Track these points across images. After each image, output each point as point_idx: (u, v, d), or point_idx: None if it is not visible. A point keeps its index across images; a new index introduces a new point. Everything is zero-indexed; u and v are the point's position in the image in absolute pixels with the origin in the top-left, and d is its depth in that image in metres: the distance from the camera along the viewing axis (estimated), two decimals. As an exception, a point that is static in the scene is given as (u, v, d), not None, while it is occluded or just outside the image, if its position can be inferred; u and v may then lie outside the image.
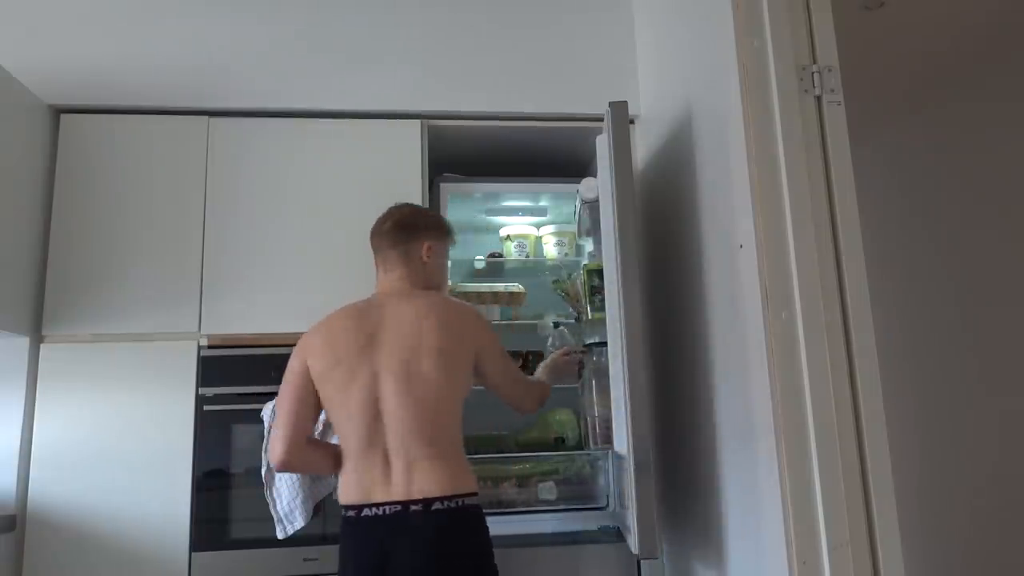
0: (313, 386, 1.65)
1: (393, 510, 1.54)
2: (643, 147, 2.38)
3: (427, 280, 1.79)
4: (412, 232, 1.79)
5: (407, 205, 1.88)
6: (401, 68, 2.36)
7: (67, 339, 2.08)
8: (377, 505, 1.55)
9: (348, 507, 1.60)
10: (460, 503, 1.56)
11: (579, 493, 2.36)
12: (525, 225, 2.72)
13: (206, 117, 2.25)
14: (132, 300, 2.11)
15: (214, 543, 2.01)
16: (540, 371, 2.03)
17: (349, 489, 1.61)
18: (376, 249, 1.81)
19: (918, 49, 2.71)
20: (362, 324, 1.66)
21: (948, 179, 3.07)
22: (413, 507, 1.53)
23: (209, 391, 2.08)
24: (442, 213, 2.39)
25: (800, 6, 1.59)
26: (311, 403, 1.66)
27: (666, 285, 2.15)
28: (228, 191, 2.22)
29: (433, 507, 1.53)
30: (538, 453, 2.38)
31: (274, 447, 1.63)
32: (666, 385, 2.16)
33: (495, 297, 2.53)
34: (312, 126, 2.29)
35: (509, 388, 1.80)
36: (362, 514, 1.56)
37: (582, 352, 2.18)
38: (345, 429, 1.63)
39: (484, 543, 1.60)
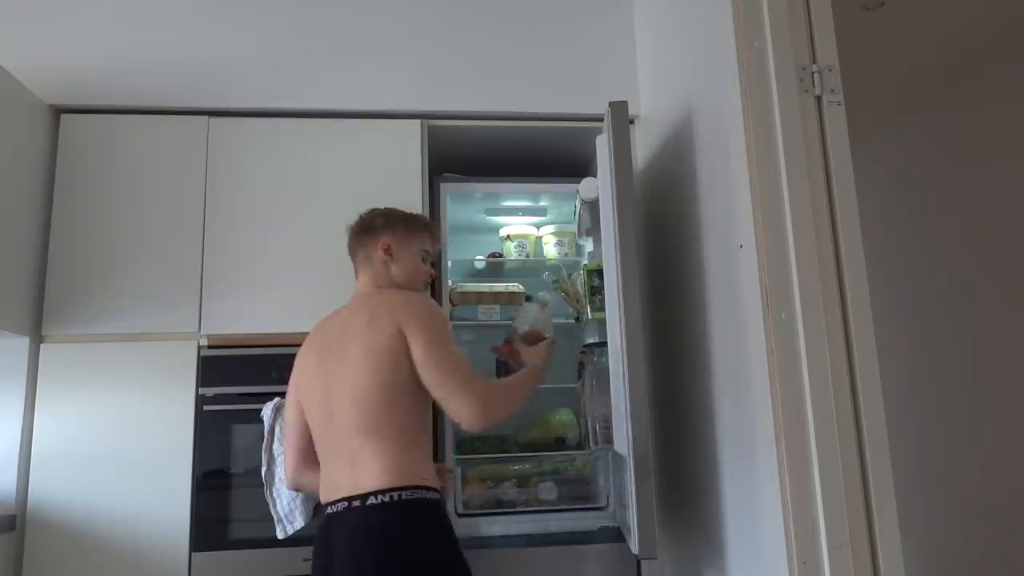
0: (295, 398, 1.76)
1: (338, 508, 1.55)
2: (643, 147, 2.38)
3: (393, 278, 1.77)
4: (369, 233, 1.80)
5: (373, 209, 1.88)
6: (401, 68, 2.36)
7: (67, 339, 2.08)
8: (330, 504, 1.58)
9: (325, 504, 1.63)
10: (398, 496, 1.49)
11: (579, 493, 2.36)
12: (525, 225, 2.72)
13: (206, 117, 2.25)
14: (132, 300, 2.11)
15: (214, 543, 2.01)
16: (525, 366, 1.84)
17: (321, 494, 1.65)
18: (350, 256, 1.85)
19: (918, 49, 2.71)
20: (321, 335, 1.73)
21: (948, 179, 3.07)
22: (354, 503, 1.52)
23: (209, 391, 2.08)
24: (442, 213, 2.39)
25: (800, 6, 1.59)
26: (302, 421, 1.74)
27: (666, 285, 2.15)
28: (228, 191, 2.22)
29: (368, 502, 1.50)
30: (538, 453, 2.38)
31: (284, 468, 1.78)
32: (666, 385, 2.16)
33: (495, 297, 2.53)
34: (312, 126, 2.29)
35: (436, 382, 1.55)
36: (326, 511, 1.60)
37: (581, 353, 2.18)
38: (315, 437, 1.69)
39: (423, 538, 1.49)
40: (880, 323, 1.51)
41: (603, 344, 2.00)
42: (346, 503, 1.53)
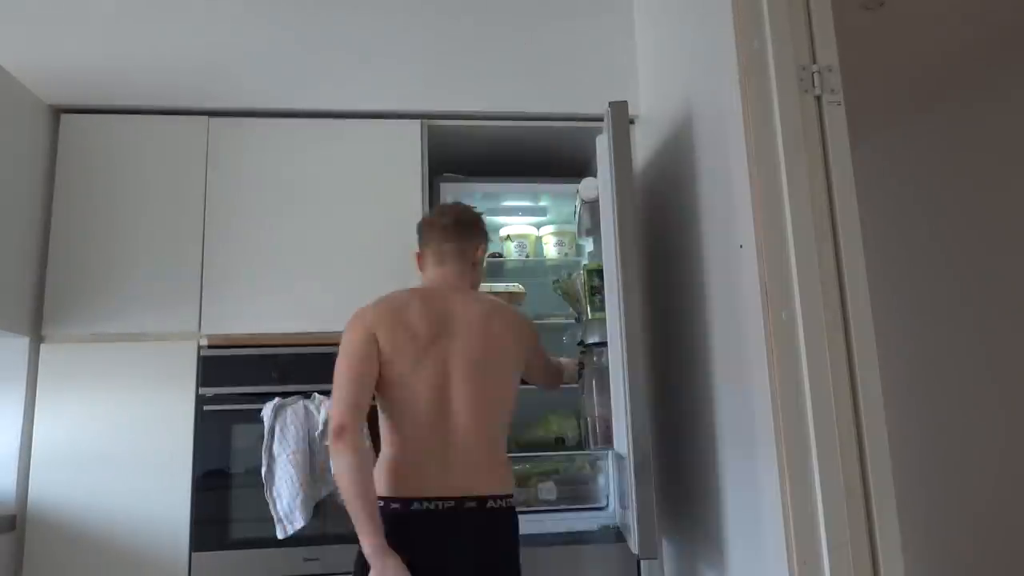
0: (378, 356, 1.57)
1: (447, 506, 1.53)
2: (643, 147, 2.38)
3: (473, 282, 1.83)
4: (471, 232, 1.82)
5: (465, 206, 1.91)
6: (401, 68, 2.36)
7: (67, 339, 2.08)
8: (430, 500, 1.53)
9: (393, 499, 1.53)
10: (508, 503, 1.62)
11: (579, 493, 2.36)
12: (525, 225, 2.72)
13: (206, 117, 2.25)
14: (132, 300, 2.11)
15: (214, 543, 2.01)
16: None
17: (401, 479, 1.55)
18: (429, 241, 1.80)
19: (918, 48, 2.71)
20: (430, 308, 1.65)
21: (948, 178, 3.07)
22: (468, 504, 1.55)
23: (209, 391, 2.08)
24: (442, 213, 2.39)
25: (800, 6, 1.59)
26: (374, 373, 1.57)
27: (666, 285, 2.14)
28: (228, 191, 2.22)
29: (488, 505, 1.57)
30: (538, 453, 2.38)
31: (336, 412, 1.51)
32: (666, 385, 2.16)
33: (495, 297, 2.53)
34: (312, 126, 2.29)
35: (546, 373, 1.95)
36: (411, 508, 1.52)
37: (581, 353, 2.19)
38: (407, 413, 1.57)
39: (518, 541, 1.66)
40: (880, 323, 1.51)
41: (603, 344, 2.00)
42: (454, 502, 1.55)
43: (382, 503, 1.52)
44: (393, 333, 1.59)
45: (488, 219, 2.78)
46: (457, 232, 1.79)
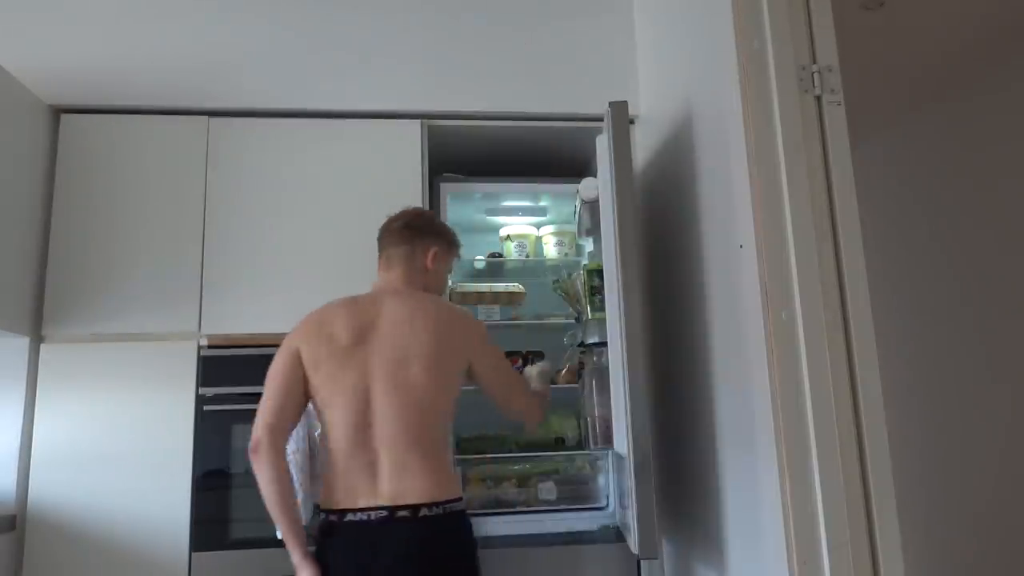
0: (302, 371, 1.60)
1: (379, 516, 1.50)
2: (643, 147, 2.38)
3: (426, 285, 1.78)
4: (421, 235, 1.78)
5: (421, 209, 1.88)
6: (401, 68, 2.36)
7: (67, 339, 2.08)
8: (363, 510, 1.51)
9: (330, 511, 1.55)
10: (446, 509, 1.53)
11: (579, 493, 2.36)
12: (525, 225, 2.72)
13: (206, 117, 2.25)
14: (132, 300, 2.11)
15: (214, 543, 2.01)
16: (533, 382, 1.94)
17: (333, 492, 1.56)
18: (382, 247, 1.80)
19: (918, 48, 2.71)
20: (355, 316, 1.63)
21: (948, 178, 3.07)
22: (400, 513, 1.49)
23: (209, 391, 2.08)
24: (442, 213, 2.40)
25: (800, 6, 1.59)
26: (298, 390, 1.60)
27: (666, 285, 2.14)
28: (228, 191, 2.22)
29: (420, 514, 1.50)
30: (538, 453, 2.38)
31: (255, 426, 1.56)
32: (666, 385, 2.16)
33: (495, 297, 2.53)
34: (312, 126, 2.29)
35: (503, 394, 1.74)
36: (345, 519, 1.52)
37: (581, 354, 2.19)
38: (333, 422, 1.58)
39: (468, 546, 1.58)
40: (880, 323, 1.51)
41: (603, 344, 2.00)
42: (387, 512, 1.49)
43: (322, 514, 1.57)
44: (315, 346, 1.60)
45: (488, 219, 2.82)
46: (407, 235, 1.77)
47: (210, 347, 2.12)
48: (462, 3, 2.43)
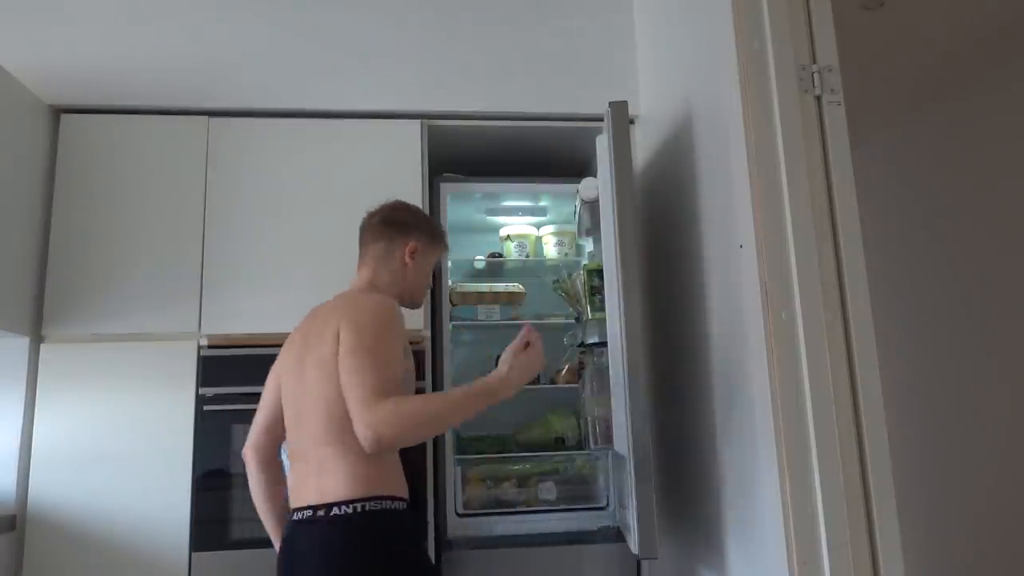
0: (279, 383, 1.67)
1: (304, 515, 1.48)
2: (643, 147, 2.38)
3: (396, 283, 1.69)
4: (399, 229, 1.71)
5: (401, 202, 1.79)
6: (401, 68, 2.36)
7: (67, 339, 2.08)
8: (296, 510, 1.51)
9: (290, 511, 1.56)
10: (362, 507, 1.42)
11: (579, 493, 2.37)
12: (525, 225, 2.72)
13: (206, 117, 2.25)
14: (132, 300, 2.11)
15: (214, 543, 2.01)
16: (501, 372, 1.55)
17: (289, 496, 1.58)
18: (360, 243, 1.74)
19: (918, 48, 2.71)
20: (303, 329, 1.64)
21: (948, 177, 3.07)
22: (318, 512, 1.44)
23: (209, 391, 2.08)
24: (442, 213, 2.39)
25: (800, 6, 1.59)
26: (275, 407, 1.67)
27: (666, 285, 2.15)
28: (228, 191, 2.22)
29: (332, 512, 1.43)
30: (538, 453, 2.38)
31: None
32: (666, 385, 2.16)
33: (495, 297, 2.54)
34: (312, 126, 2.29)
35: (347, 389, 1.42)
36: (291, 518, 1.53)
37: (581, 354, 2.18)
38: (288, 435, 1.64)
39: (384, 551, 1.43)
40: (880, 323, 1.51)
41: (603, 344, 2.00)
42: (310, 511, 1.46)
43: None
44: (282, 356, 1.67)
45: (488, 219, 2.82)
46: (383, 230, 1.70)
47: (210, 347, 2.12)
48: (462, 3, 2.43)
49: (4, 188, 1.96)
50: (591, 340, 2.25)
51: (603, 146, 1.93)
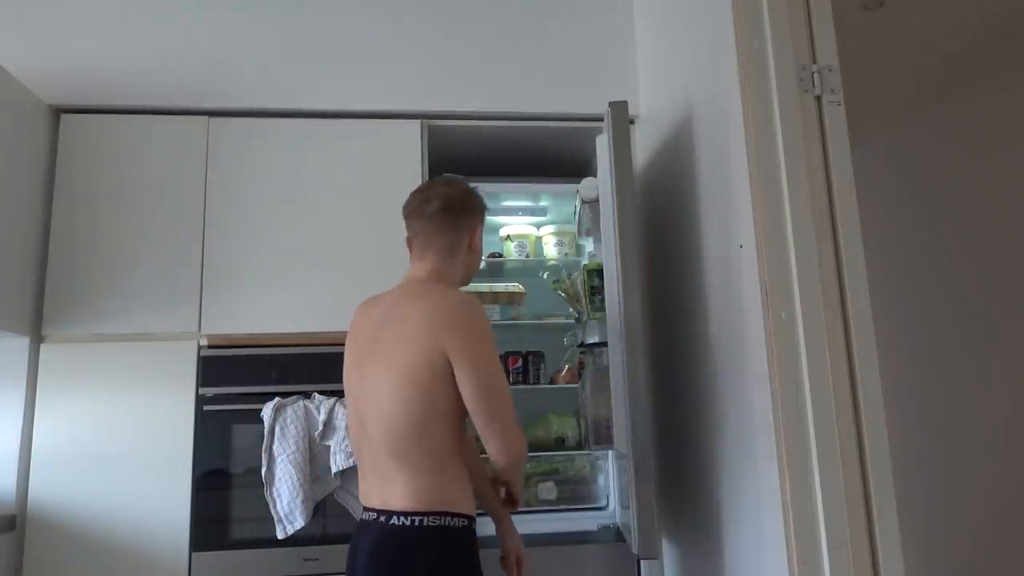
0: None
1: (370, 517, 1.47)
2: (643, 147, 2.38)
3: (465, 272, 1.61)
4: (464, 216, 1.57)
5: (454, 182, 1.61)
6: (401, 68, 2.36)
7: (67, 339, 2.08)
8: (367, 510, 1.49)
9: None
10: (419, 521, 1.39)
11: (579, 493, 2.37)
12: (525, 225, 2.72)
13: (206, 117, 2.25)
14: (132, 300, 2.11)
15: (214, 543, 2.01)
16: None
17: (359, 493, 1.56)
18: (413, 232, 1.58)
19: (918, 48, 2.71)
20: (367, 324, 1.54)
21: (948, 177, 3.07)
22: (381, 517, 1.43)
23: (209, 391, 2.08)
24: (442, 213, 2.39)
25: (800, 6, 1.59)
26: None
27: (666, 285, 2.15)
28: (228, 191, 2.22)
29: (391, 521, 1.41)
30: (538, 453, 2.38)
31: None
32: (666, 385, 2.16)
33: (495, 297, 2.54)
34: (312, 126, 2.29)
35: (479, 409, 1.42)
36: (361, 516, 1.52)
37: (581, 354, 2.18)
38: (350, 425, 1.57)
39: (439, 568, 1.38)
40: (880, 322, 1.51)
41: (603, 344, 2.00)
42: (375, 514, 1.45)
43: None
44: (348, 346, 1.58)
45: (488, 219, 2.80)
46: (445, 222, 1.55)
47: (210, 347, 2.12)
48: (462, 3, 2.43)
49: (4, 188, 1.96)
50: (591, 340, 2.26)
51: (603, 146, 1.93)
